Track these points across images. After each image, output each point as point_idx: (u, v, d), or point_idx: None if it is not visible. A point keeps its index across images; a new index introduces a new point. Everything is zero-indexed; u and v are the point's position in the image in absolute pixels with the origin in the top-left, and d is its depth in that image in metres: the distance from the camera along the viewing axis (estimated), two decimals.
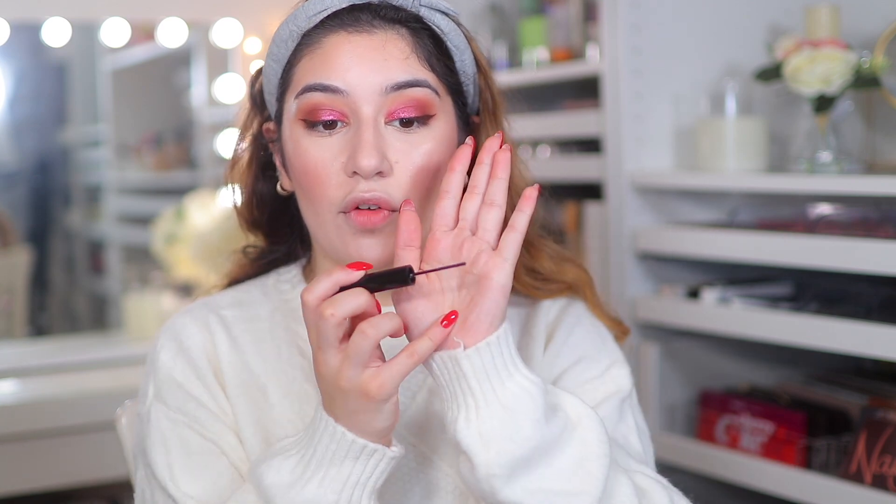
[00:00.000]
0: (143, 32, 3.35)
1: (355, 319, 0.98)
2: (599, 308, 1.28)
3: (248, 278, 1.29)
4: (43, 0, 2.87)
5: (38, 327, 3.72)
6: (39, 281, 3.77)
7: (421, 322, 1.01)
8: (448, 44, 1.16)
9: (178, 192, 3.32)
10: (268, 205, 1.25)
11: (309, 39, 1.13)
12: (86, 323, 4.01)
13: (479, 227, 1.04)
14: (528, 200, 1.03)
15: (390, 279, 0.99)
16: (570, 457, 1.00)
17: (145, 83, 3.77)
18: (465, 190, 1.06)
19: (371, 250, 1.11)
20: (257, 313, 1.23)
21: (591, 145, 2.31)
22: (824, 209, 1.96)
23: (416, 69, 1.12)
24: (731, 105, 2.06)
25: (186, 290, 3.09)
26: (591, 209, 2.26)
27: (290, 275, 1.26)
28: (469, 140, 1.08)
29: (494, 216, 1.03)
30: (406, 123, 1.11)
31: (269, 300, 1.24)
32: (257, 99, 1.24)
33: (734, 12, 2.18)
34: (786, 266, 1.89)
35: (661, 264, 2.13)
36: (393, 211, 1.10)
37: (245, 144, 1.25)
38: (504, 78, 2.31)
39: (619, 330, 1.29)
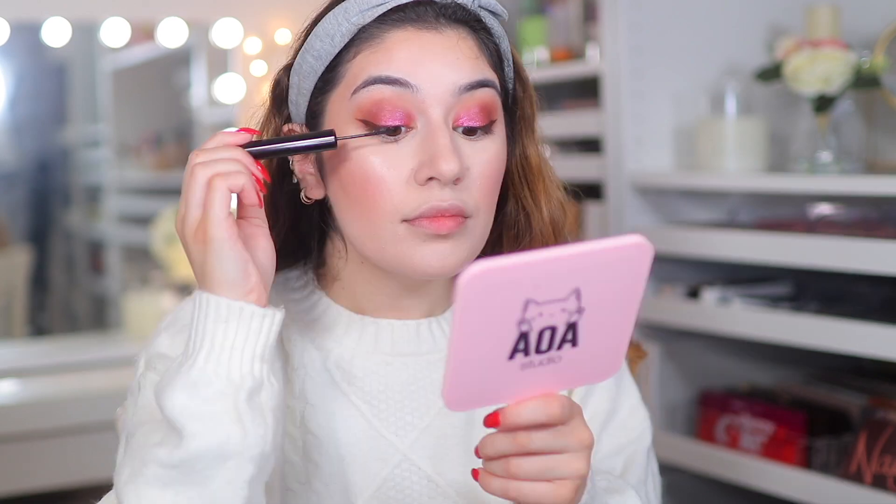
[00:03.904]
0: (143, 32, 3.34)
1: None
2: None
3: None
4: (43, 0, 2.87)
5: (38, 327, 3.73)
6: (39, 281, 3.78)
7: None
8: (501, 47, 1.11)
9: (177, 192, 3.30)
10: (286, 213, 1.15)
11: (366, 34, 1.05)
12: (85, 323, 4.01)
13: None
14: None
15: (313, 144, 1.01)
16: None
17: (145, 83, 3.78)
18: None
19: (442, 257, 1.04)
20: None
21: (591, 145, 2.31)
22: (824, 209, 1.96)
23: (486, 69, 1.07)
24: (731, 105, 2.06)
25: (186, 290, 3.09)
26: (591, 209, 2.26)
27: (301, 281, 1.18)
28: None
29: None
30: (469, 132, 1.05)
31: (280, 300, 1.16)
32: (277, 99, 1.14)
33: (734, 12, 2.18)
34: (786, 266, 1.89)
35: (661, 264, 2.12)
36: (466, 218, 1.04)
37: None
38: None
39: (635, 354, 1.24)
